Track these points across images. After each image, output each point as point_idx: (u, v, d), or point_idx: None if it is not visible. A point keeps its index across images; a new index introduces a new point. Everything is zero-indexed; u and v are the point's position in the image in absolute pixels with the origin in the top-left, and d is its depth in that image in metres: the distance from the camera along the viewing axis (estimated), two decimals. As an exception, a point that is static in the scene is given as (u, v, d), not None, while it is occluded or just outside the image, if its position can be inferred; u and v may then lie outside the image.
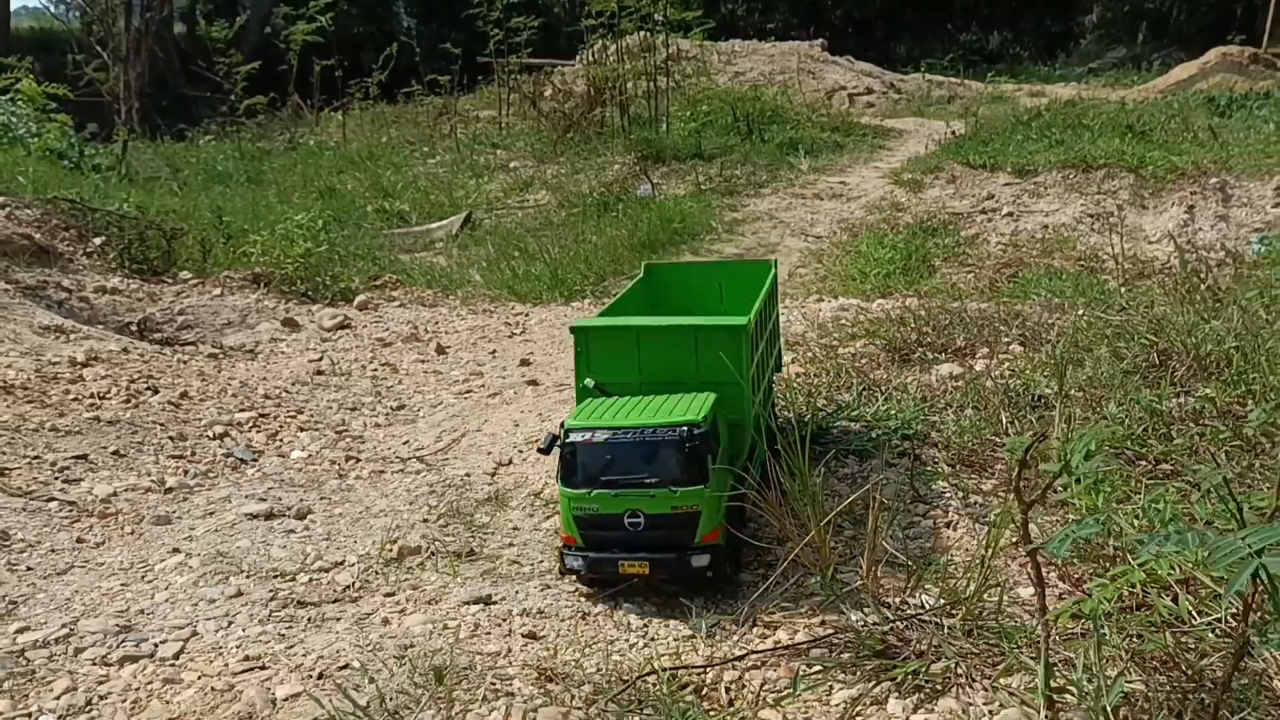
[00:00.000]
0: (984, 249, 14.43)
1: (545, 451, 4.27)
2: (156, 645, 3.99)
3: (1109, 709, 3.08)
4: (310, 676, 3.68)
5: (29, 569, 4.67)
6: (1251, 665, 3.30)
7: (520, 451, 6.41)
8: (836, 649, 3.81)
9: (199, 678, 3.73)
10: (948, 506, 5.08)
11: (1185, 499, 4.18)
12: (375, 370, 8.68)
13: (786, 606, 4.19)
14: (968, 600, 3.86)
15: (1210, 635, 3.40)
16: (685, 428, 4.04)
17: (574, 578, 4.42)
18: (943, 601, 3.95)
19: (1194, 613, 3.56)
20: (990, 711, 3.32)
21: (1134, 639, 3.47)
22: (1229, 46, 28.80)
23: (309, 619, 4.20)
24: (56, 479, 5.65)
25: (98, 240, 12.11)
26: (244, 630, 4.10)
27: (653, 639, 4.01)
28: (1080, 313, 8.01)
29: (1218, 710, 3.06)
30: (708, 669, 3.70)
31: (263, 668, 3.78)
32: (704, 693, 3.55)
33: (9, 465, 5.65)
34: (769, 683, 3.63)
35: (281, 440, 6.74)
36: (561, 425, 4.23)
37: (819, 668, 3.69)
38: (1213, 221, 14.95)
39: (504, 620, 4.09)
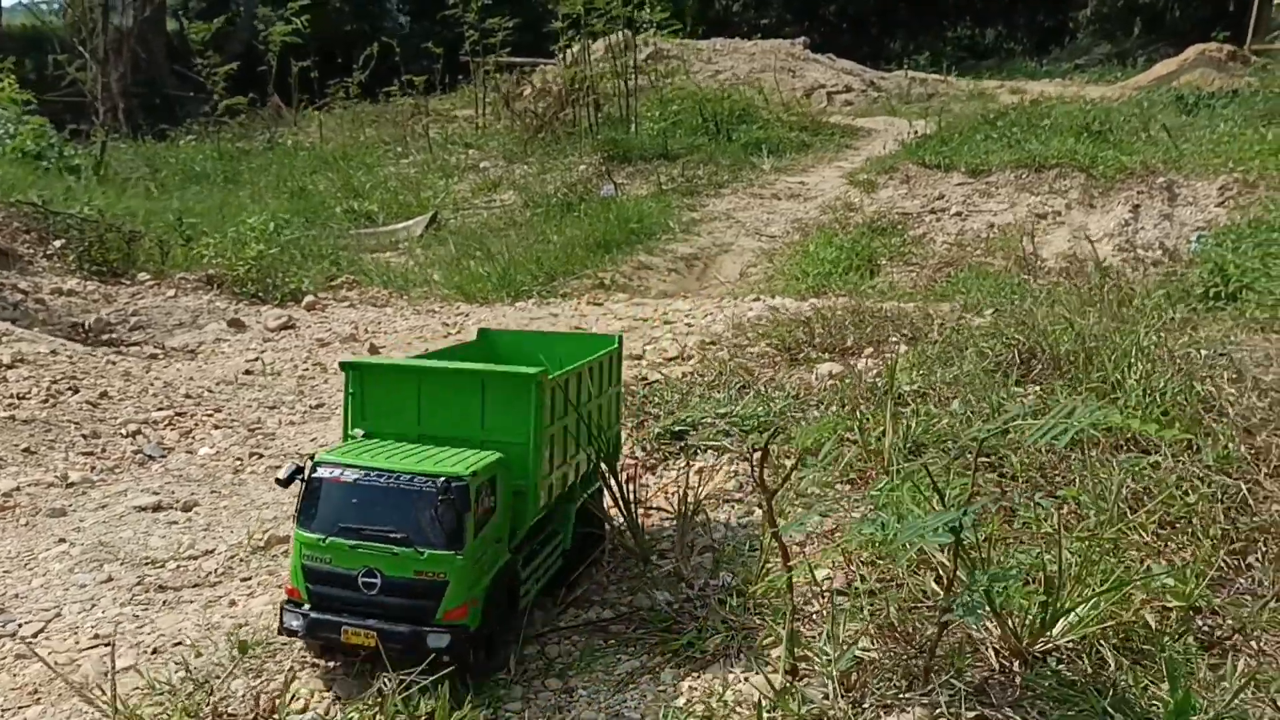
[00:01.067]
0: (929, 248, 14.73)
1: (284, 484, 3.71)
2: (20, 625, 4.36)
3: (837, 674, 3.44)
4: (146, 652, 4.05)
5: (-77, 557, 5.05)
6: (973, 634, 3.64)
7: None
8: (634, 625, 4.17)
9: (49, 654, 4.10)
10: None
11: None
12: (304, 370, 9.04)
13: (603, 587, 4.54)
14: (757, 581, 4.22)
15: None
16: (443, 480, 3.49)
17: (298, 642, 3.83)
18: (735, 581, 4.31)
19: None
20: (746, 678, 3.67)
21: (881, 614, 3.82)
22: (1209, 43, 29.01)
23: (165, 601, 4.57)
24: (-34, 475, 6.03)
25: (58, 243, 12.49)
26: (104, 612, 4.47)
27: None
28: (958, 314, 8.33)
29: (929, 672, 3.41)
30: (513, 644, 4.05)
31: (107, 645, 4.14)
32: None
33: (-78, 461, 6.03)
34: (563, 655, 3.98)
35: (194, 438, 7.10)
36: (311, 457, 3.73)
37: (612, 641, 4.05)
38: (1156, 220, 15.18)
39: (339, 602, 4.44)
